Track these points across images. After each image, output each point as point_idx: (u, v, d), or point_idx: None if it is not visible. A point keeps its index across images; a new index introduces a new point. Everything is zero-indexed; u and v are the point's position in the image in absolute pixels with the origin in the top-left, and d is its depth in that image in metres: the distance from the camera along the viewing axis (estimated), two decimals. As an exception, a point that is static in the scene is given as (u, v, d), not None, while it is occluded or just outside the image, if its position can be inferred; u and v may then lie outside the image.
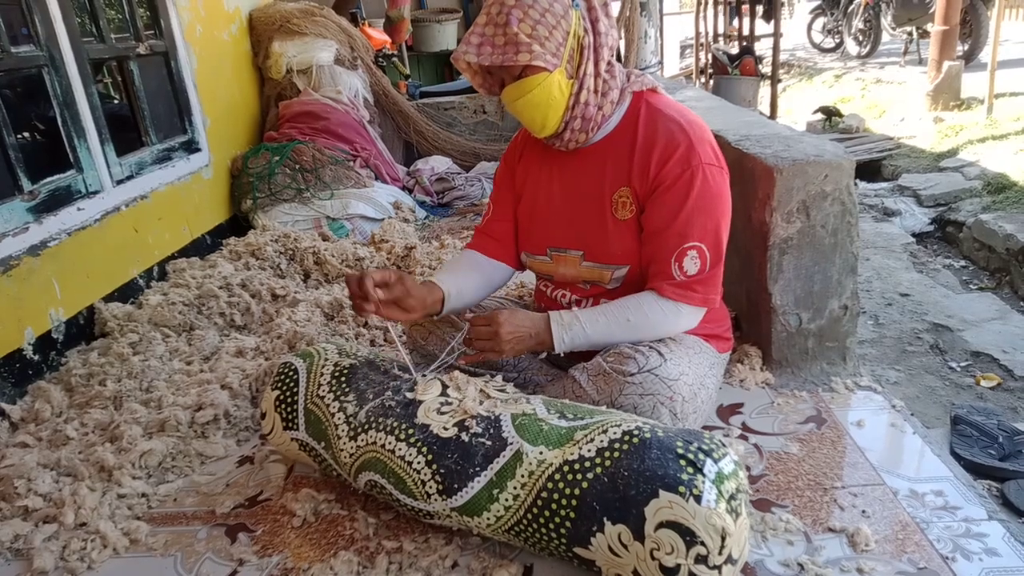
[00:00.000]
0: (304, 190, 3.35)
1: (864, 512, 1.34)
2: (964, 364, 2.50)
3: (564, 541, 1.14)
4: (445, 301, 1.52)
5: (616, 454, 1.12)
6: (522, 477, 1.17)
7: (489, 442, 1.22)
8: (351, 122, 3.84)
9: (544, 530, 1.15)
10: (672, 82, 5.03)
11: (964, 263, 3.66)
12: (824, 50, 10.12)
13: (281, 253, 2.85)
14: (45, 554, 1.38)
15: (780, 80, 7.40)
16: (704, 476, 1.05)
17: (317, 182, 3.38)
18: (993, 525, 1.30)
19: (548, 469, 1.16)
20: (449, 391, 1.35)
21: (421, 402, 1.33)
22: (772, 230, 1.72)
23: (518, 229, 1.65)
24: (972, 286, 3.36)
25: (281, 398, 1.47)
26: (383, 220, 3.39)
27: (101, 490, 1.55)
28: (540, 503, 1.15)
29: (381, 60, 4.64)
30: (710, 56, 8.04)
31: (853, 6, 8.92)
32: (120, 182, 2.64)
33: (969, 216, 3.85)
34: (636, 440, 1.12)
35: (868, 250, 3.62)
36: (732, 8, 8.28)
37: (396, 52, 5.07)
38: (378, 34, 4.74)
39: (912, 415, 1.68)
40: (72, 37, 2.44)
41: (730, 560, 1.03)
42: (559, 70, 1.36)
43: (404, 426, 1.30)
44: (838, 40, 9.71)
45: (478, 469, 1.20)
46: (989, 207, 3.92)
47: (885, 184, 5.06)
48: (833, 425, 1.63)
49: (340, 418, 1.38)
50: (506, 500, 1.18)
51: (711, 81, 7.68)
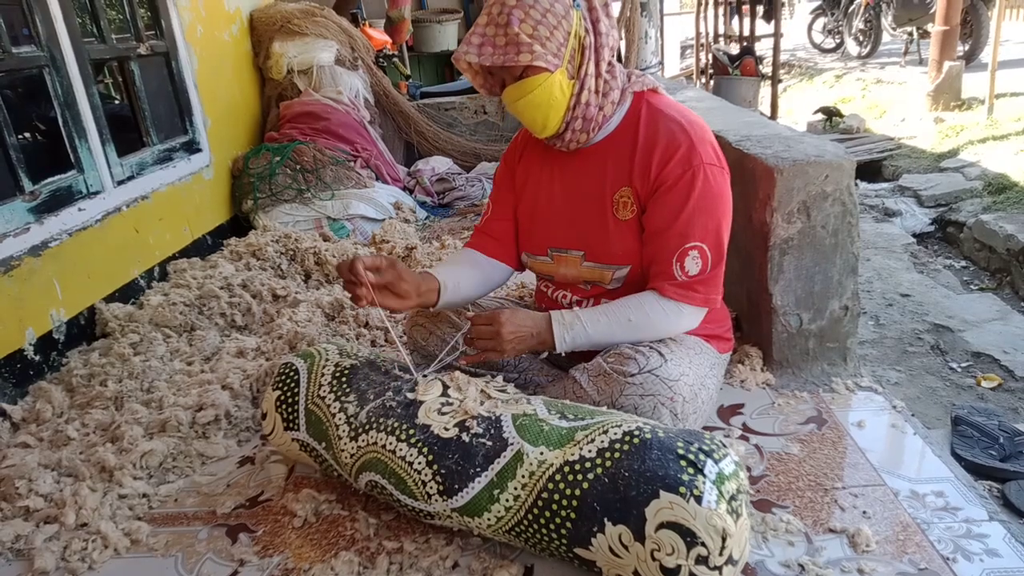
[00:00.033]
0: (305, 190, 3.35)
1: (865, 513, 1.34)
2: (965, 365, 2.50)
3: (565, 542, 1.14)
4: (441, 292, 1.51)
5: (617, 455, 1.12)
6: (523, 478, 1.17)
7: (490, 443, 1.22)
8: (352, 122, 3.84)
9: (545, 531, 1.15)
10: (672, 82, 5.03)
11: (965, 263, 3.66)
12: (825, 50, 10.12)
13: (282, 253, 2.85)
14: (46, 554, 1.38)
15: (781, 80, 7.41)
16: (705, 477, 1.05)
17: (318, 182, 3.38)
18: (994, 526, 1.30)
19: (549, 470, 1.16)
20: (450, 391, 1.35)
21: (422, 402, 1.33)
22: (773, 230, 1.72)
23: (519, 230, 1.65)
24: (973, 286, 3.36)
25: (282, 398, 1.47)
26: (384, 220, 3.40)
27: (102, 490, 1.55)
28: (541, 504, 1.15)
29: (382, 60, 4.64)
30: (710, 56, 8.04)
31: (854, 6, 8.92)
32: (121, 182, 2.64)
33: (970, 216, 3.85)
34: (637, 441, 1.12)
35: (869, 250, 3.62)
36: (732, 8, 8.27)
37: (397, 52, 5.07)
38: (379, 34, 4.74)
39: (913, 416, 1.68)
40: (73, 37, 2.44)
41: (731, 561, 1.03)
42: (560, 70, 1.36)
43: (405, 426, 1.30)
44: (838, 40, 9.72)
45: (479, 470, 1.20)
46: (990, 207, 3.92)
47: (886, 184, 5.06)
48: (834, 426, 1.63)
49: (341, 418, 1.38)
50: (507, 501, 1.18)
51: (711, 81, 7.68)
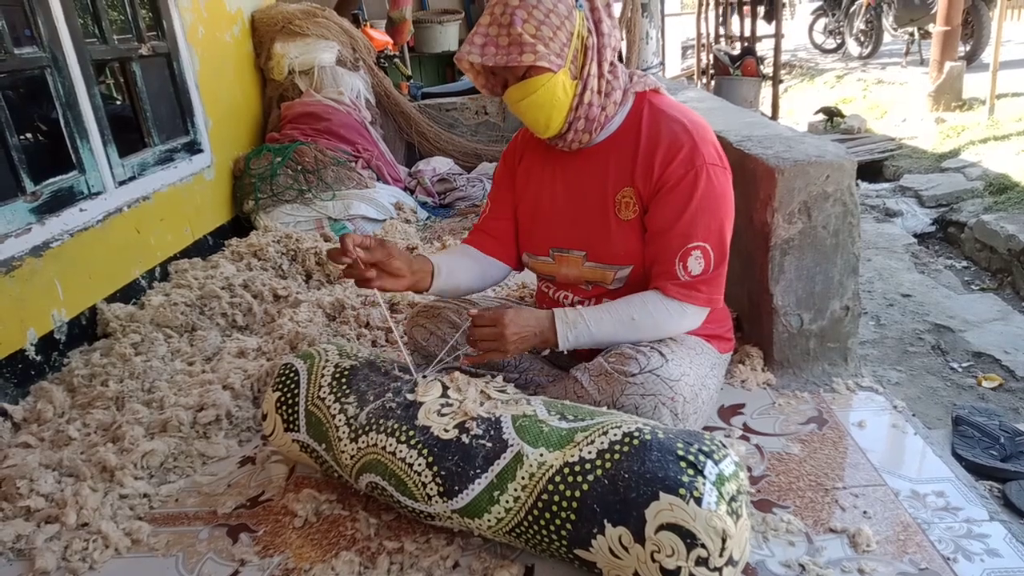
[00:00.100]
0: (306, 191, 3.35)
1: (865, 513, 1.34)
2: (966, 365, 2.49)
3: (565, 543, 1.14)
4: (435, 275, 1.51)
5: (616, 456, 1.12)
6: (522, 479, 1.17)
7: (489, 444, 1.22)
8: (353, 123, 3.84)
9: (545, 532, 1.15)
10: (674, 83, 5.03)
11: (966, 264, 3.66)
12: (826, 51, 10.12)
13: (283, 254, 2.85)
14: (47, 554, 1.38)
15: (782, 81, 7.40)
16: (705, 478, 1.05)
17: (319, 183, 3.39)
18: (994, 526, 1.30)
19: (548, 471, 1.16)
20: (450, 392, 1.35)
21: (422, 404, 1.33)
22: (774, 231, 1.72)
23: (520, 230, 1.65)
24: (974, 287, 3.35)
25: (282, 399, 1.47)
26: (385, 221, 3.40)
27: (103, 490, 1.55)
28: (541, 505, 1.15)
29: (383, 61, 4.64)
30: (711, 57, 8.04)
31: (855, 7, 8.92)
32: (122, 183, 2.64)
33: (971, 217, 3.84)
34: (636, 442, 1.12)
35: (869, 251, 3.62)
36: (733, 8, 8.27)
37: (398, 53, 5.07)
38: (380, 35, 4.74)
39: (913, 416, 1.68)
40: (75, 38, 2.44)
41: (731, 562, 1.03)
42: (563, 71, 1.36)
43: (405, 428, 1.30)
44: (840, 41, 9.71)
45: (479, 471, 1.20)
46: (991, 208, 3.92)
47: (887, 185, 5.06)
48: (834, 426, 1.63)
49: (341, 420, 1.38)
50: (507, 502, 1.18)
51: (712, 82, 7.67)
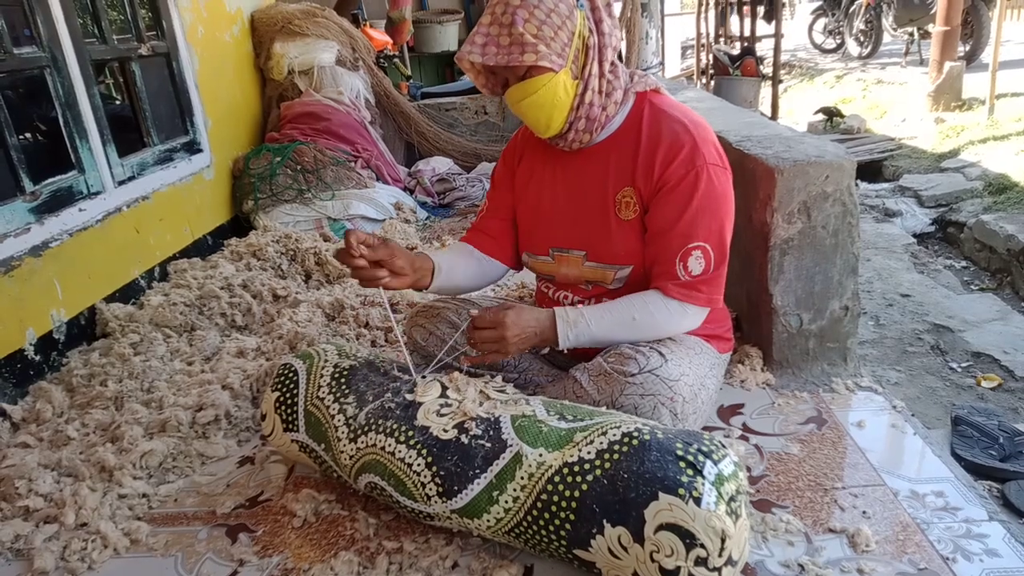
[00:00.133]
0: (305, 191, 3.35)
1: (865, 513, 1.34)
2: (965, 365, 2.49)
3: (564, 543, 1.14)
4: (435, 273, 1.53)
5: (616, 456, 1.12)
6: (521, 479, 1.17)
7: (489, 444, 1.22)
8: (352, 123, 3.84)
9: (544, 532, 1.15)
10: (673, 83, 5.03)
11: (965, 264, 3.66)
12: (825, 51, 10.12)
13: (282, 254, 2.85)
14: (46, 554, 1.38)
15: (781, 81, 7.40)
16: (704, 478, 1.05)
17: (318, 183, 3.38)
18: (994, 526, 1.30)
19: (548, 471, 1.16)
20: (449, 392, 1.35)
21: (421, 404, 1.33)
22: (773, 231, 1.72)
23: (520, 230, 1.65)
24: (973, 287, 3.35)
25: (281, 399, 1.47)
26: (384, 221, 3.40)
27: (102, 490, 1.55)
28: (540, 505, 1.15)
29: (382, 61, 4.64)
30: (711, 57, 8.04)
31: (854, 7, 8.92)
32: (122, 183, 2.64)
33: (970, 217, 3.85)
34: (636, 442, 1.12)
35: (869, 251, 3.62)
36: (732, 8, 8.27)
37: (397, 53, 5.07)
38: (379, 35, 4.74)
39: (913, 416, 1.68)
40: (74, 38, 2.44)
41: (730, 562, 1.03)
42: (564, 71, 1.36)
43: (404, 428, 1.30)
44: (839, 41, 9.71)
45: (478, 471, 1.20)
46: (990, 208, 3.92)
47: (886, 185, 5.06)
48: (834, 426, 1.63)
49: (340, 420, 1.38)
50: (506, 502, 1.18)
51: (712, 82, 7.67)
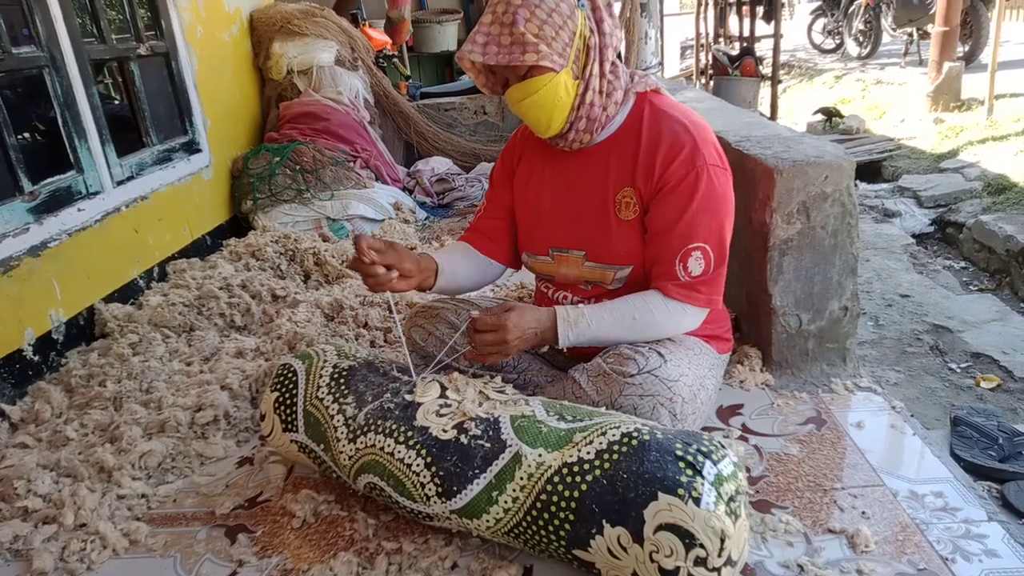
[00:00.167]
0: (304, 191, 3.35)
1: (864, 513, 1.34)
2: (964, 365, 2.50)
3: (563, 543, 1.14)
4: (438, 274, 1.54)
5: (615, 456, 1.12)
6: (521, 479, 1.17)
7: (488, 444, 1.22)
8: (351, 123, 3.84)
9: (543, 532, 1.15)
10: (672, 83, 5.03)
11: (964, 264, 3.66)
12: (824, 51, 10.12)
13: (281, 254, 2.85)
14: (45, 555, 1.38)
15: (780, 81, 7.40)
16: (703, 478, 1.05)
17: (317, 183, 3.38)
18: (993, 526, 1.30)
19: (547, 471, 1.16)
20: (448, 393, 1.35)
21: (420, 404, 1.33)
22: (772, 231, 1.72)
23: (520, 229, 1.65)
24: (972, 287, 3.36)
25: (280, 400, 1.47)
26: (383, 221, 3.40)
27: (101, 491, 1.55)
28: (539, 505, 1.15)
29: (382, 61, 4.64)
30: (710, 57, 8.04)
31: (854, 7, 8.92)
32: (120, 183, 2.64)
33: (969, 217, 3.85)
34: (635, 442, 1.12)
35: (868, 251, 3.62)
36: (731, 8, 8.27)
37: (397, 53, 5.07)
38: (378, 35, 4.74)
39: (912, 416, 1.68)
40: (73, 38, 2.44)
41: (729, 562, 1.03)
42: (565, 71, 1.36)
43: (403, 428, 1.29)
44: (838, 41, 9.72)
45: (477, 471, 1.20)
46: (989, 208, 3.92)
47: (885, 185, 5.06)
48: (833, 426, 1.63)
49: (339, 420, 1.38)
50: (505, 502, 1.18)
51: (711, 82, 7.67)
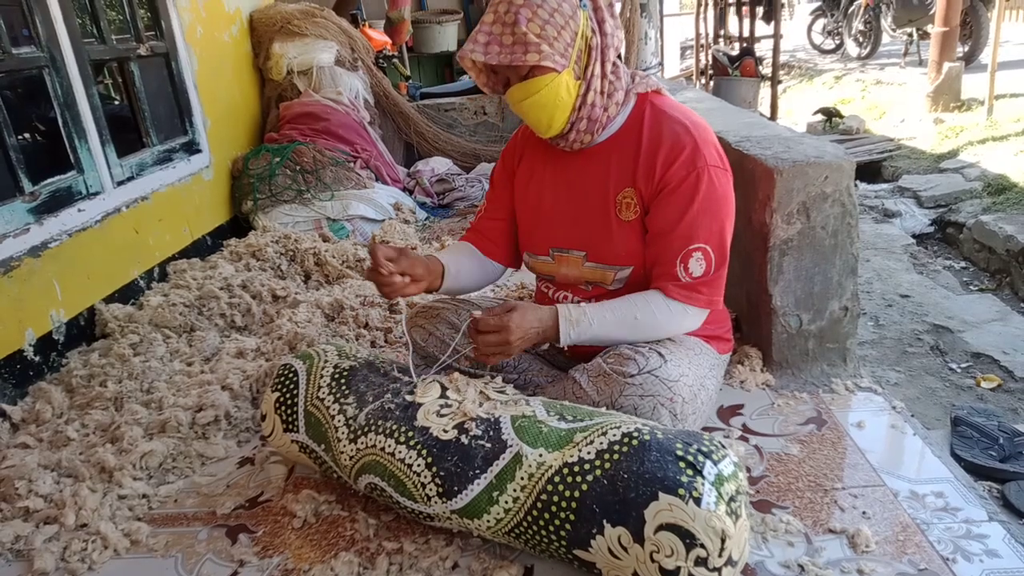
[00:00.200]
0: (304, 191, 3.35)
1: (864, 513, 1.35)
2: (964, 365, 2.50)
3: (564, 543, 1.14)
4: (445, 275, 1.55)
5: (616, 456, 1.12)
6: (521, 479, 1.17)
7: (489, 444, 1.22)
8: (352, 123, 3.84)
9: (544, 532, 1.15)
10: (672, 83, 5.03)
11: (964, 264, 3.66)
12: (824, 51, 10.13)
13: (282, 254, 2.85)
14: (46, 555, 1.38)
15: (780, 81, 7.41)
16: (704, 478, 1.05)
17: (317, 183, 3.38)
18: (993, 526, 1.30)
19: (548, 471, 1.16)
20: (448, 393, 1.35)
21: (420, 404, 1.33)
22: (772, 231, 1.72)
23: (520, 230, 1.65)
24: (972, 287, 3.36)
25: (281, 400, 1.47)
26: (383, 221, 3.40)
27: (102, 491, 1.55)
28: (540, 505, 1.15)
29: (382, 61, 4.64)
30: (710, 57, 8.04)
31: (853, 7, 8.92)
32: (121, 183, 2.64)
33: (969, 217, 3.85)
34: (635, 442, 1.12)
35: (868, 251, 3.62)
36: (731, 8, 8.27)
37: (396, 53, 5.07)
38: (378, 35, 4.74)
39: (912, 416, 1.68)
40: (73, 38, 2.44)
41: (730, 562, 1.03)
42: (567, 71, 1.36)
43: (404, 428, 1.30)
44: (838, 41, 9.72)
45: (478, 472, 1.20)
46: (989, 208, 3.92)
47: (885, 185, 5.06)
48: (833, 426, 1.63)
49: (340, 420, 1.38)
50: (506, 502, 1.18)
51: (711, 82, 7.67)
